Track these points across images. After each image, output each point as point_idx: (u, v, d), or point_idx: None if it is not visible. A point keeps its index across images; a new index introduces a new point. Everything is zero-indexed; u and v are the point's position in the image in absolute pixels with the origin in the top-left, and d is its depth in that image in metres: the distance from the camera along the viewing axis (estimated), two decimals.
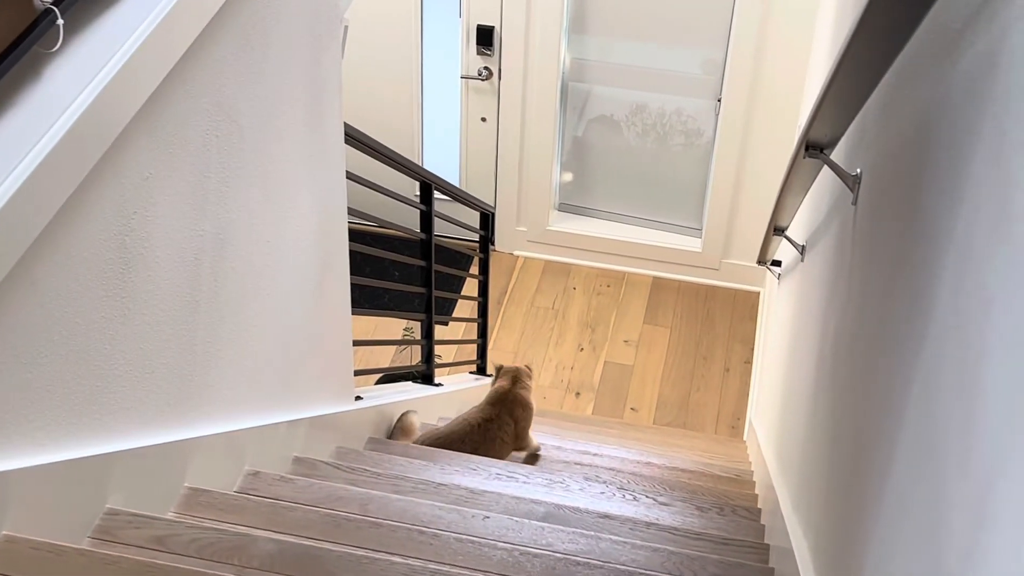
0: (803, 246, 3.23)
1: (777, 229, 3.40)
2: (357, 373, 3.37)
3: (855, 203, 1.94)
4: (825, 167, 2.07)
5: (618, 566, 2.27)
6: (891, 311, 1.41)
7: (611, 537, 2.49)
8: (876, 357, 1.48)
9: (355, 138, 3.03)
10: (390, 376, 5.01)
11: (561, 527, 2.52)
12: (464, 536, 2.22)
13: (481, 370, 5.31)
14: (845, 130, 1.84)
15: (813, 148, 1.97)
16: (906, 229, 1.36)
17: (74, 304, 1.73)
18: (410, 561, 2.05)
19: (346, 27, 2.78)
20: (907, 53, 1.33)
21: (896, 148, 1.50)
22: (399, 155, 3.50)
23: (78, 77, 1.69)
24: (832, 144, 1.96)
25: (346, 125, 2.87)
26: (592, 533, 2.54)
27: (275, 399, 2.66)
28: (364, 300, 5.30)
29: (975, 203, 1.03)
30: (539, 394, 5.79)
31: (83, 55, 1.72)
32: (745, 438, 5.52)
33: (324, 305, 2.90)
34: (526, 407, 3.80)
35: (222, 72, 2.09)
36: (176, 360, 2.11)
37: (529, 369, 3.96)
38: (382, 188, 3.39)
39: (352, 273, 3.08)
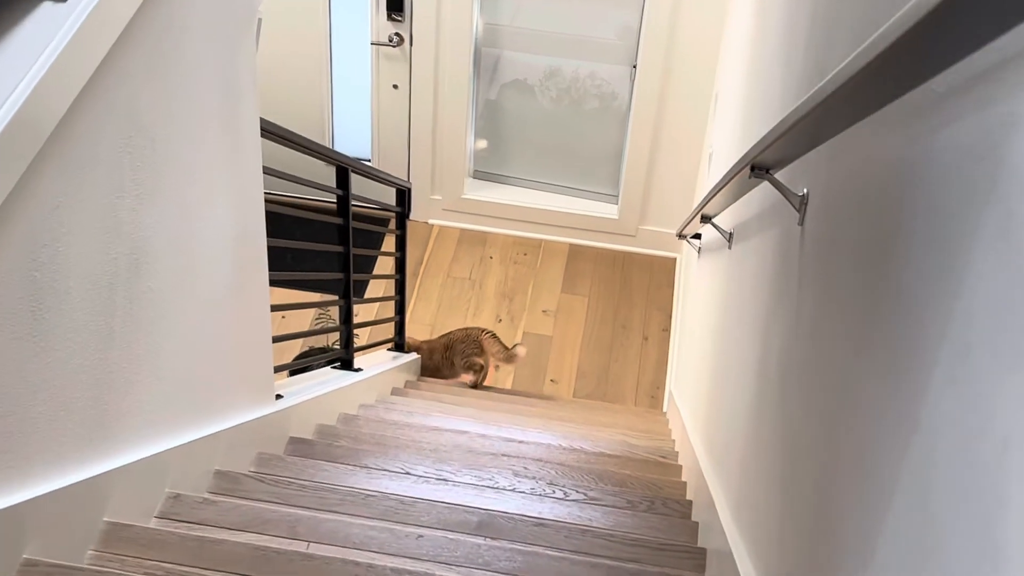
0: (730, 234, 3.18)
1: (704, 217, 3.35)
2: (276, 369, 3.26)
3: (801, 223, 1.89)
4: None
5: None
6: (864, 377, 1.35)
7: (548, 553, 2.44)
8: (847, 414, 1.43)
9: (271, 132, 2.90)
10: (308, 354, 4.89)
11: (497, 543, 2.46)
12: (401, 567, 2.14)
13: (399, 347, 5.21)
14: (797, 157, 1.78)
15: (759, 169, 1.91)
16: (878, 286, 1.31)
17: None
18: None
19: (260, 20, 2.64)
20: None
21: (861, 190, 1.44)
22: (314, 143, 3.38)
23: None
24: (779, 166, 1.90)
25: (262, 120, 2.74)
26: (529, 548, 2.49)
27: (195, 414, 2.55)
28: (274, 270, 5.18)
29: (973, 296, 0.97)
30: None
31: None
32: (665, 409, 5.52)
33: (243, 308, 2.79)
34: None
35: (134, 85, 1.95)
36: (91, 391, 1.99)
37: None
38: (299, 178, 3.26)
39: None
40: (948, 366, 1.01)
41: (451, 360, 5.32)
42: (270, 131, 2.88)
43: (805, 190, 1.86)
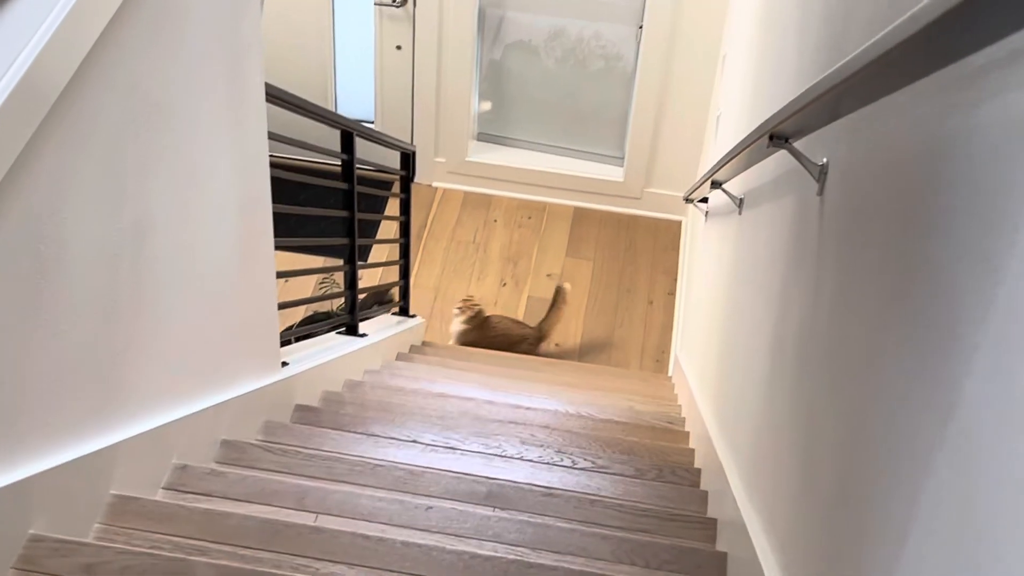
0: (741, 199, 3.14)
1: (715, 183, 3.31)
2: (282, 335, 3.23)
3: (820, 194, 1.85)
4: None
5: (569, 564, 2.19)
6: (890, 356, 1.32)
7: (558, 524, 2.42)
8: (871, 393, 1.40)
9: (276, 96, 2.85)
10: (312, 319, 4.86)
11: (506, 513, 2.43)
12: (410, 540, 2.11)
13: (404, 311, 5.18)
14: (819, 128, 1.73)
15: (777, 138, 1.86)
16: (908, 262, 1.27)
17: None
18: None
19: None
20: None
21: (890, 162, 1.40)
22: (319, 107, 3.33)
23: None
24: (799, 136, 1.86)
25: (266, 85, 2.69)
26: (539, 518, 2.47)
27: (201, 384, 2.52)
28: (278, 234, 5.14)
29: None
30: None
31: None
32: (671, 373, 5.49)
33: (249, 276, 2.75)
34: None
35: (137, 54, 1.91)
36: (96, 363, 1.96)
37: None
38: (303, 143, 3.22)
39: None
40: (990, 354, 0.97)
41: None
42: (275, 96, 2.84)
43: (825, 159, 1.82)
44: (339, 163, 3.82)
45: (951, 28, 0.92)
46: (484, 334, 5.50)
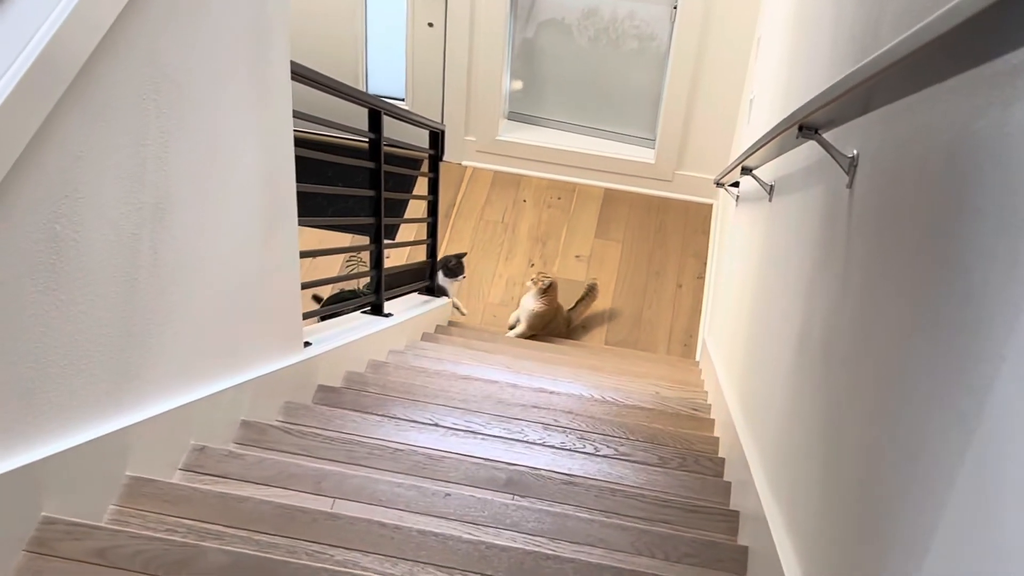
0: (771, 186, 3.09)
1: (745, 169, 3.26)
2: (305, 315, 3.21)
3: (850, 186, 1.80)
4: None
5: (587, 556, 2.17)
6: (916, 356, 1.28)
7: (578, 514, 2.39)
8: (896, 393, 1.36)
9: (301, 74, 2.82)
10: (338, 298, 4.85)
11: (525, 501, 2.41)
12: (427, 528, 2.09)
13: (430, 290, 5.16)
14: (850, 120, 1.69)
15: (807, 129, 1.82)
16: (937, 263, 1.23)
17: (1, 306, 1.56)
18: (369, 563, 1.93)
19: None
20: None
21: (921, 158, 1.36)
22: (346, 85, 3.29)
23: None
24: (829, 127, 1.81)
25: (292, 63, 2.66)
26: (558, 507, 2.44)
27: (221, 363, 2.50)
28: (305, 212, 5.11)
29: None
30: (488, 312, 5.69)
31: (3, 32, 1.52)
32: (698, 358, 5.45)
33: (271, 255, 2.73)
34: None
35: (159, 30, 1.88)
36: (113, 344, 1.94)
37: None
38: (330, 121, 3.19)
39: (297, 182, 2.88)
40: (1018, 361, 0.93)
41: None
42: (300, 74, 2.81)
43: (855, 151, 1.77)
44: (367, 141, 3.79)
45: (990, 24, 0.87)
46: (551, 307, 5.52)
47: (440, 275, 5.15)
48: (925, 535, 1.16)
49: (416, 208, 6.08)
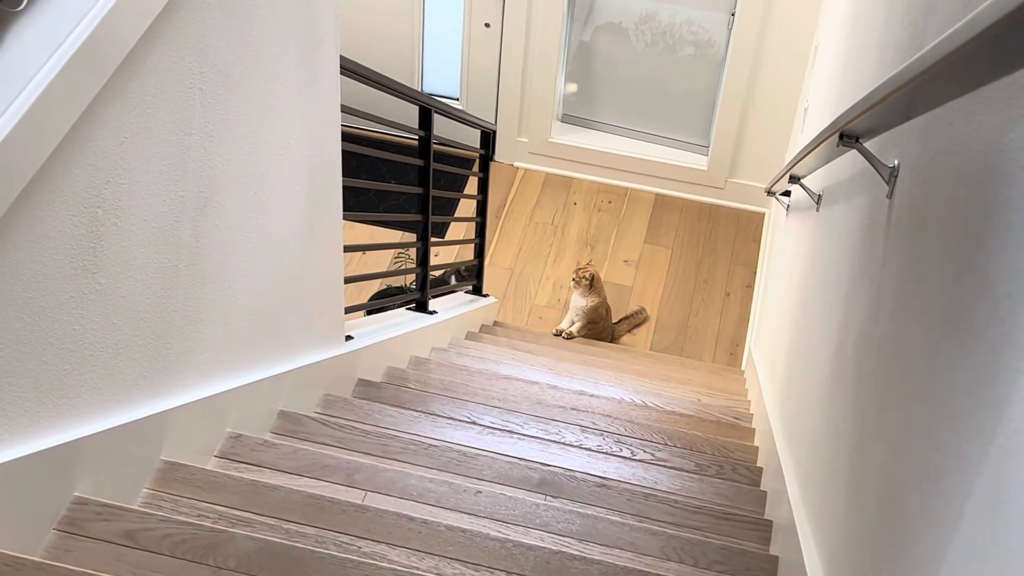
0: (819, 195, 3.07)
1: (793, 177, 3.23)
2: (349, 309, 3.23)
3: (890, 196, 1.78)
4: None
5: (615, 559, 2.17)
6: (942, 372, 1.26)
7: (609, 517, 2.39)
8: (922, 407, 1.35)
9: (351, 70, 2.84)
10: (382, 294, 4.88)
11: (557, 502, 2.41)
12: (455, 524, 2.10)
13: (477, 290, 5.17)
14: (890, 128, 1.67)
15: (847, 137, 1.80)
16: (965, 277, 1.21)
17: (41, 286, 1.59)
18: (396, 556, 1.94)
19: None
20: None
21: (957, 169, 1.34)
22: (397, 83, 3.31)
23: (46, 39, 1.52)
24: (870, 135, 1.80)
25: (342, 58, 2.68)
26: (589, 509, 2.44)
27: (260, 354, 2.53)
28: (357, 207, 5.12)
29: None
30: (535, 314, 5.69)
31: (52, 13, 1.54)
32: (743, 367, 5.42)
33: (315, 248, 2.75)
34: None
35: (206, 20, 1.91)
36: (152, 330, 1.97)
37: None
38: (379, 118, 3.21)
39: (345, 176, 2.90)
40: None
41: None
42: (350, 69, 2.83)
43: (896, 161, 1.76)
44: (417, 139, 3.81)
45: None
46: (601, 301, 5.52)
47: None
48: (941, 550, 1.15)
49: (466, 207, 6.10)
